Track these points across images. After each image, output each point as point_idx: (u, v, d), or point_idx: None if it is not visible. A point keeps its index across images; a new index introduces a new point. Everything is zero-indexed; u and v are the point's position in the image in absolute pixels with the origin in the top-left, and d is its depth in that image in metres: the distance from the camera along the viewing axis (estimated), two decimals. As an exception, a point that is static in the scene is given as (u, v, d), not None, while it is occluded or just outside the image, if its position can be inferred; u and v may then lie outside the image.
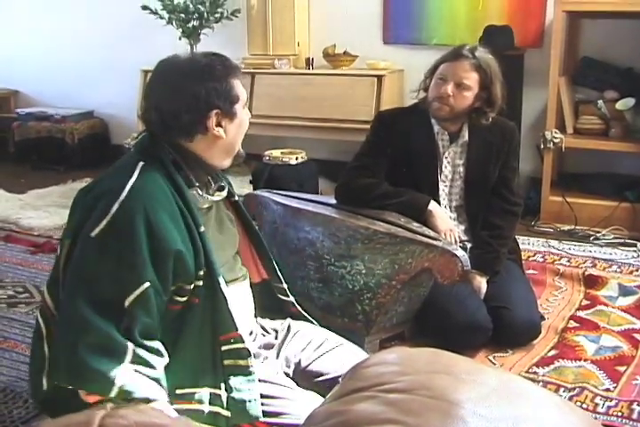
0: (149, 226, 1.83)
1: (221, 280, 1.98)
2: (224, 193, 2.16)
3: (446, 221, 2.89)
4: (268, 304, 2.34)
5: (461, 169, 3.00)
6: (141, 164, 1.94)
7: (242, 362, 1.98)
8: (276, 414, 1.97)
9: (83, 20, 6.22)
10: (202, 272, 1.94)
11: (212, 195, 2.10)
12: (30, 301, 3.42)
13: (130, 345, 1.79)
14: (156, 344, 1.86)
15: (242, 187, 5.03)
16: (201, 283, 1.94)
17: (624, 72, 4.55)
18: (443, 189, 3.01)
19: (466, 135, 2.97)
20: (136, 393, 1.74)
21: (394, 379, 0.99)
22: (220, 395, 1.95)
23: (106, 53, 6.13)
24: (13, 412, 2.48)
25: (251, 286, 2.26)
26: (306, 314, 2.38)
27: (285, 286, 2.36)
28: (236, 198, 2.27)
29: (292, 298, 2.37)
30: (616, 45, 4.58)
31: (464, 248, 2.93)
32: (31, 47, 6.51)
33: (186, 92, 1.96)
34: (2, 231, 4.48)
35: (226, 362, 1.97)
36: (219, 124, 2.00)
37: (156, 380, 1.82)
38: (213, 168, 2.09)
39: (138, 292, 1.80)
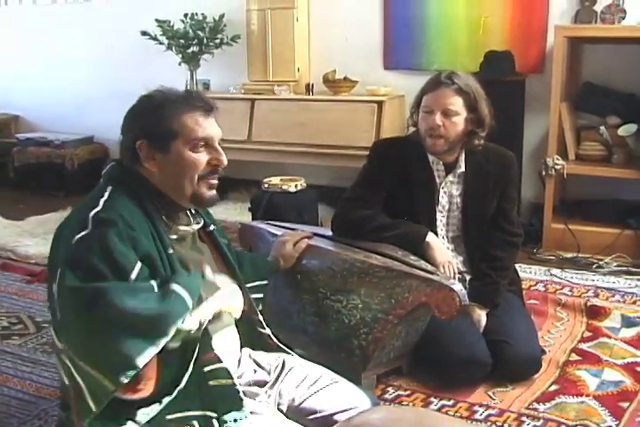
0: (126, 228, 1.87)
1: None
2: (196, 226, 2.15)
3: (444, 253, 2.84)
4: (249, 337, 2.30)
5: (459, 200, 2.95)
6: (110, 188, 1.98)
7: (225, 381, 1.96)
8: None
9: (83, 45, 6.25)
10: None
11: (183, 226, 2.10)
12: (24, 333, 3.37)
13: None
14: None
15: (241, 214, 5.01)
16: None
17: (626, 97, 4.52)
18: (440, 219, 2.97)
19: (462, 166, 2.93)
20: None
21: (376, 443, 0.94)
22: (210, 417, 1.92)
23: (106, 79, 6.15)
24: (1, 451, 2.43)
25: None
26: (284, 347, 2.34)
27: (262, 318, 2.33)
28: (211, 228, 2.24)
29: (268, 331, 2.33)
30: (618, 71, 4.56)
31: (462, 280, 2.88)
32: (32, 72, 6.53)
33: (124, 122, 2.06)
34: (-1, 259, 4.45)
35: (210, 383, 1.95)
36: (152, 157, 2.00)
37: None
38: (175, 204, 2.07)
39: (136, 270, 1.85)
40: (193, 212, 2.16)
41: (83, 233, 1.84)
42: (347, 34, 5.30)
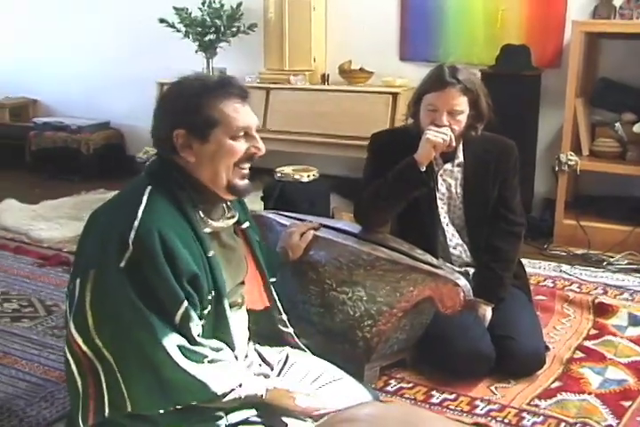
0: (166, 249, 1.83)
1: (227, 304, 2.00)
2: (231, 221, 2.13)
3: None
4: (268, 332, 2.32)
5: (459, 190, 2.95)
6: (149, 188, 1.93)
7: None
8: None
9: (102, 31, 6.26)
10: (210, 296, 1.94)
11: (217, 220, 2.07)
12: (34, 315, 3.42)
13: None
14: (214, 342, 1.97)
15: (252, 203, 5.00)
16: (209, 307, 1.95)
17: (642, 94, 4.49)
18: (441, 206, 2.97)
19: (460, 156, 2.93)
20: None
21: (362, 439, 0.96)
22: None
23: (123, 65, 6.16)
24: (7, 431, 2.46)
25: (250, 313, 2.26)
26: (303, 346, 2.35)
27: (285, 317, 2.34)
28: (245, 226, 2.24)
29: (290, 329, 2.35)
30: (635, 67, 4.52)
31: (465, 273, 2.88)
32: (50, 57, 6.55)
33: (158, 110, 2.00)
34: (12, 242, 4.49)
35: None
36: (189, 146, 1.96)
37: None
38: (213, 195, 2.04)
39: (181, 311, 1.85)
40: (229, 205, 2.14)
41: (127, 255, 1.82)
42: (364, 24, 5.27)
